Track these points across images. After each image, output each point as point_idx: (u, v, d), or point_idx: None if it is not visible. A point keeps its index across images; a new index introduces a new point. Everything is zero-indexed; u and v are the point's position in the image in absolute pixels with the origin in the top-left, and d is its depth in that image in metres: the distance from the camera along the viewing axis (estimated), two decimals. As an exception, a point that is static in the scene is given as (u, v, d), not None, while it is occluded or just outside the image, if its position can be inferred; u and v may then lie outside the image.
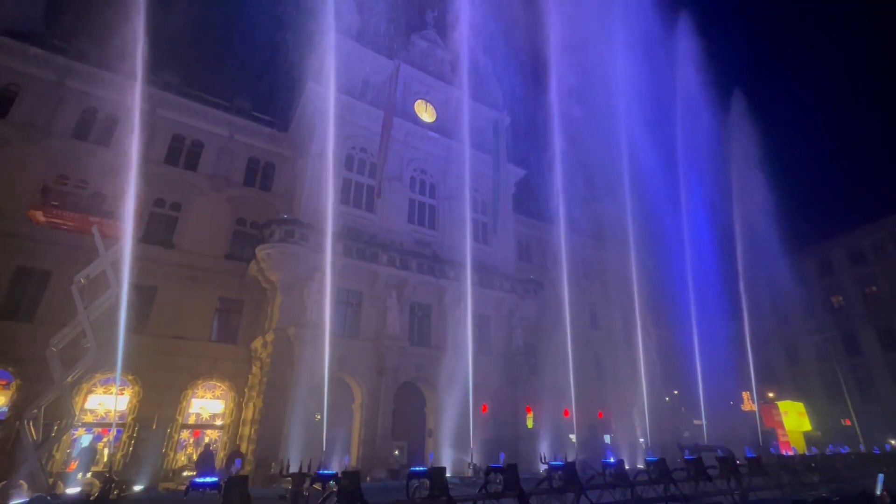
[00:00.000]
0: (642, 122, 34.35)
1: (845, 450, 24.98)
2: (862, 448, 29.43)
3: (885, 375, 39.01)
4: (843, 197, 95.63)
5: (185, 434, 21.75)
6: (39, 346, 15.17)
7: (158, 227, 24.02)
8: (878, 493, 10.13)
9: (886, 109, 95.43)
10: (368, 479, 19.28)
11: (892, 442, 33.99)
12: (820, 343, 39.81)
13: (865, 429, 34.11)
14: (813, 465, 18.42)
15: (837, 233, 45.45)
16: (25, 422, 14.08)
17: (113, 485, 9.77)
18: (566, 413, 26.28)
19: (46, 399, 14.66)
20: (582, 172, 34.48)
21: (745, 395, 36.14)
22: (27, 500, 11.61)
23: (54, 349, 14.78)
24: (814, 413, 37.72)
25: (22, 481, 12.70)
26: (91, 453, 18.50)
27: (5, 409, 18.23)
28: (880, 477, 10.90)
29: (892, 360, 38.93)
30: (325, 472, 9.12)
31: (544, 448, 22.52)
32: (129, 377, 20.45)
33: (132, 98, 17.12)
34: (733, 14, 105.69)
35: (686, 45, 37.29)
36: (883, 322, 40.06)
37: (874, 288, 41.80)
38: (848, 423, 36.01)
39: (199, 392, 22.61)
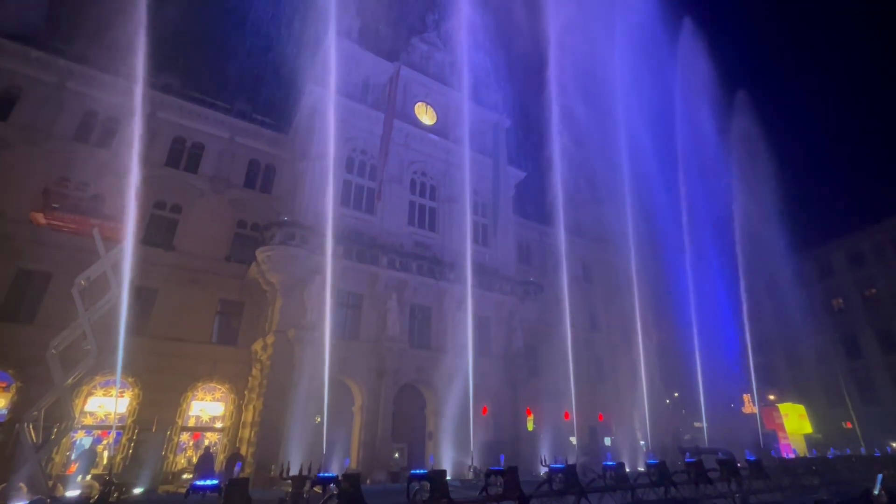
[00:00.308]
0: (643, 123, 34.47)
1: (847, 452, 24.96)
2: (863, 450, 29.42)
3: (885, 378, 38.94)
4: (843, 199, 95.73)
5: (184, 436, 21.71)
6: (40, 349, 15.14)
7: (159, 229, 24.04)
8: (876, 492, 10.18)
9: (886, 111, 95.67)
10: (369, 481, 19.26)
11: (893, 444, 33.92)
12: (820, 345, 39.79)
13: (866, 431, 34.12)
14: (814, 467, 18.43)
15: (837, 235, 45.52)
16: (25, 424, 14.05)
17: (112, 487, 9.80)
18: (566, 415, 26.26)
19: (46, 401, 14.62)
20: (582, 174, 34.58)
21: (746, 397, 36.11)
22: (27, 502, 11.60)
23: (54, 351, 14.76)
24: (815, 415, 37.67)
25: (21, 484, 12.67)
26: (91, 456, 18.47)
27: (5, 411, 18.20)
28: (879, 477, 10.98)
29: (893, 362, 38.86)
30: (326, 474, 9.16)
31: (545, 450, 22.52)
32: (129, 379, 20.44)
33: (133, 100, 17.13)
34: (733, 15, 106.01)
35: (687, 47, 37.40)
36: (883, 324, 40.03)
37: (874, 290, 41.79)
38: (849, 425, 36.02)
39: (199, 394, 22.59)
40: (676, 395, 42.30)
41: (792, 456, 28.34)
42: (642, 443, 29.63)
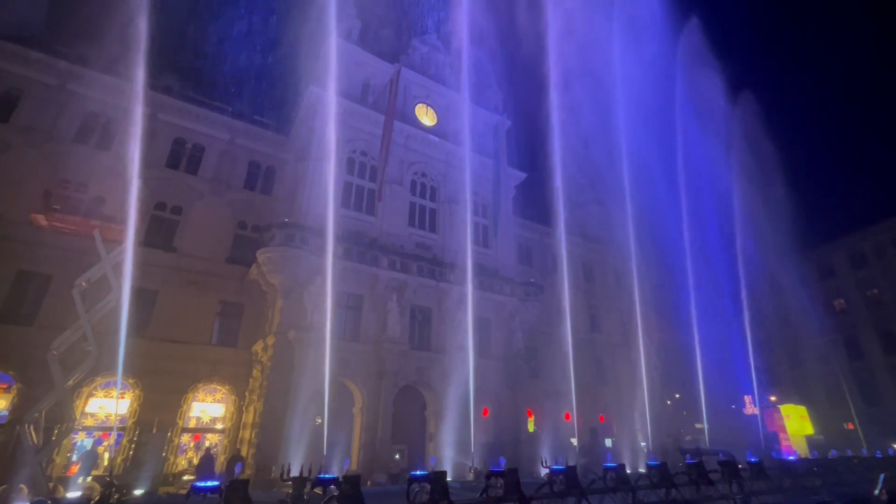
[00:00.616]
0: (644, 125, 34.48)
1: (849, 453, 24.91)
2: (864, 452, 29.33)
3: (887, 379, 38.87)
4: (844, 199, 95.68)
5: (185, 438, 21.72)
6: (40, 350, 15.16)
7: (159, 230, 24.06)
8: (877, 492, 10.17)
9: (887, 111, 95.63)
10: (369, 483, 19.25)
11: (895, 445, 33.84)
12: (822, 346, 39.69)
13: (868, 432, 34.02)
14: (815, 468, 18.36)
15: (838, 235, 45.45)
16: (26, 425, 14.05)
17: (113, 489, 9.77)
18: (567, 417, 26.23)
19: (47, 403, 14.63)
20: (583, 175, 34.58)
21: (747, 398, 36.02)
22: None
23: (55, 353, 14.77)
24: (816, 417, 37.54)
25: (22, 485, 12.65)
26: (92, 457, 18.46)
27: (6, 412, 18.20)
28: (881, 477, 10.97)
29: (894, 363, 38.79)
30: (326, 476, 9.16)
31: (545, 452, 22.53)
32: (130, 381, 20.45)
33: (133, 102, 17.17)
34: (734, 15, 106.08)
35: (688, 48, 37.38)
36: (885, 325, 39.97)
37: (875, 291, 41.74)
38: (850, 426, 35.91)
39: (200, 396, 22.59)
40: (677, 396, 42.23)
41: (793, 457, 28.27)
42: (643, 444, 29.57)
